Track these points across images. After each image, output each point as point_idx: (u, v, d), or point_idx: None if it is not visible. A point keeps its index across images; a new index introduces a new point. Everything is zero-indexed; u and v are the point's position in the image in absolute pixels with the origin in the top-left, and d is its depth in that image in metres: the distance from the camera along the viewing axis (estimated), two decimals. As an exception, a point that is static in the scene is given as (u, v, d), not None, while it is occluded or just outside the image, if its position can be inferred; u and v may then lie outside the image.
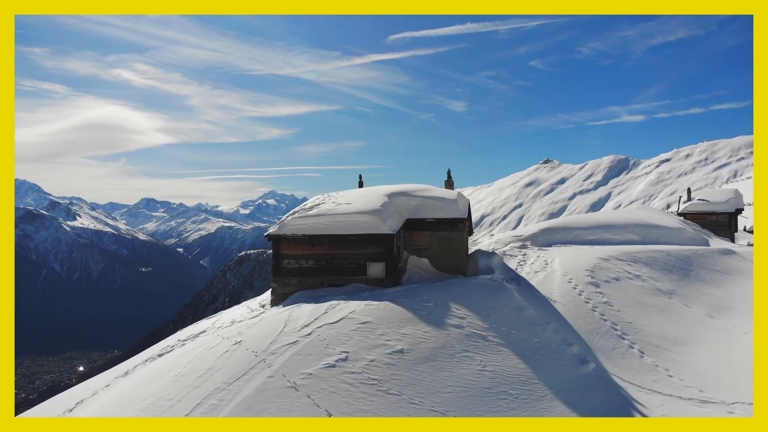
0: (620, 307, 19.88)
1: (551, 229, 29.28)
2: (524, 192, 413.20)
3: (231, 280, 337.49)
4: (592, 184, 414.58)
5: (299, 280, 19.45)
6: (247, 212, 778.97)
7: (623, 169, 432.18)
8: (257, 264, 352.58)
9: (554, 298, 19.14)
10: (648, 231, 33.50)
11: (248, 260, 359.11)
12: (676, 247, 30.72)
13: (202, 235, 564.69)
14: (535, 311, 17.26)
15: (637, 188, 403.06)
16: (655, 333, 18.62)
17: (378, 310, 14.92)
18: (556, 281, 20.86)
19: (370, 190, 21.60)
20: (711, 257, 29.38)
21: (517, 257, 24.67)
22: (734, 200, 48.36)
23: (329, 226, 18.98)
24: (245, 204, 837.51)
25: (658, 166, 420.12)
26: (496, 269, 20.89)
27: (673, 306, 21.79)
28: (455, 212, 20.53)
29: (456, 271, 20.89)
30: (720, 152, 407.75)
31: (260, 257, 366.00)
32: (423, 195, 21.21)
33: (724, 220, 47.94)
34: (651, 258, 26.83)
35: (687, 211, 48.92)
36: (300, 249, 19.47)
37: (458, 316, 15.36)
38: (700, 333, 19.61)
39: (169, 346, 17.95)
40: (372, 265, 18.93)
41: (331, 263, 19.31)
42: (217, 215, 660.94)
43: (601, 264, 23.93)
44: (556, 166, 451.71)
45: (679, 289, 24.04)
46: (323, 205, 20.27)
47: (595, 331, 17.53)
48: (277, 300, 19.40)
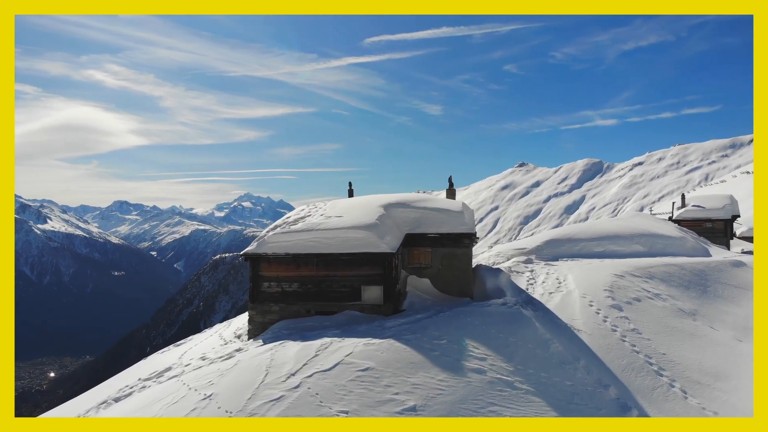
0: (649, 335, 17.52)
1: (556, 240, 26.88)
2: (500, 195, 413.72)
3: (206, 284, 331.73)
4: (566, 187, 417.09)
5: (282, 306, 16.63)
6: (222, 215, 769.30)
7: (597, 172, 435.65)
8: (232, 268, 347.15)
9: (578, 326, 16.67)
10: (653, 241, 31.37)
11: (223, 264, 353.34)
12: (687, 259, 28.58)
13: (176, 238, 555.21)
14: (561, 345, 14.73)
15: (610, 191, 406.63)
16: (691, 365, 16.31)
17: (381, 352, 12.21)
18: (575, 304, 18.42)
19: (363, 201, 18.86)
20: (724, 271, 27.30)
21: (525, 274, 22.20)
22: (730, 207, 46.70)
23: (317, 243, 16.20)
24: (220, 207, 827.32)
25: (631, 169, 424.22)
26: (507, 291, 18.33)
27: (699, 329, 19.56)
28: (461, 226, 17.90)
29: (461, 293, 18.27)
30: (692, 156, 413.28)
31: (235, 261, 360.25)
32: (424, 206, 18.54)
33: (720, 227, 46.23)
34: (666, 273, 24.62)
35: (682, 218, 47.11)
36: (283, 270, 16.66)
37: (478, 357, 12.72)
38: (736, 363, 17.38)
39: (128, 387, 15.02)
40: (368, 288, 16.20)
41: (320, 287, 16.53)
42: (191, 218, 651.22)
43: (618, 282, 21.61)
44: (531, 169, 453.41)
45: (700, 308, 21.87)
46: (310, 218, 17.47)
47: (629, 367, 15.11)
48: (256, 330, 16.56)
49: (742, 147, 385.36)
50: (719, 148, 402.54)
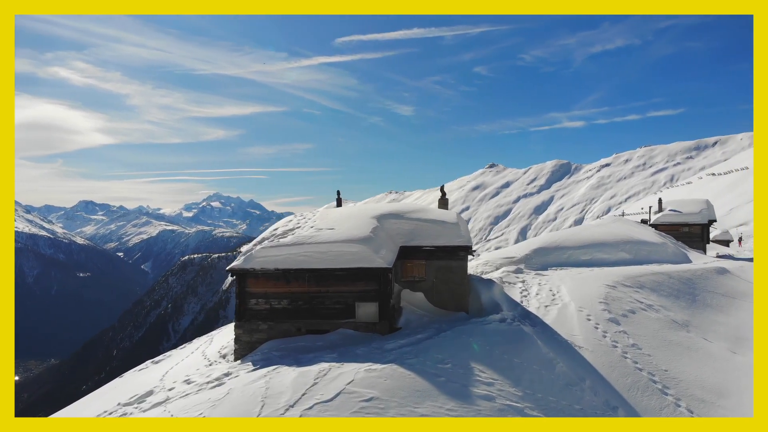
0: (649, 350, 17.10)
1: (543, 249, 26.45)
2: (471, 195, 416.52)
3: (174, 285, 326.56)
4: (535, 188, 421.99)
5: (270, 324, 15.73)
6: (191, 215, 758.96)
7: (565, 173, 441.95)
8: (201, 269, 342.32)
9: (578, 343, 16.14)
10: (638, 248, 31.24)
11: (192, 265, 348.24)
12: (673, 267, 28.47)
13: (143, 238, 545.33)
14: (565, 365, 14.16)
15: (578, 192, 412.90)
16: (693, 382, 15.94)
17: (384, 380, 11.43)
18: (573, 319, 17.92)
19: (355, 212, 18.03)
20: (710, 278, 27.24)
21: (517, 285, 21.66)
22: (706, 211, 47.08)
23: (309, 257, 15.34)
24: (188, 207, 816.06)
25: (598, 170, 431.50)
26: (503, 305, 17.75)
27: (695, 342, 19.27)
28: (458, 239, 17.21)
29: (457, 307, 17.59)
30: (657, 157, 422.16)
31: (204, 262, 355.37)
32: (418, 218, 17.80)
33: (696, 231, 46.56)
34: (655, 282, 24.37)
35: (659, 222, 47.35)
36: (271, 286, 15.76)
37: (485, 382, 12.04)
38: (736, 378, 17.08)
39: (107, 412, 13.95)
40: (362, 305, 15.41)
41: (311, 303, 15.67)
42: (159, 218, 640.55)
43: (612, 293, 21.23)
44: (501, 170, 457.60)
45: (692, 319, 21.63)
46: (299, 230, 16.58)
47: (634, 386, 14.64)
48: (243, 350, 15.64)
49: (707, 149, 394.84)
50: (684, 150, 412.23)
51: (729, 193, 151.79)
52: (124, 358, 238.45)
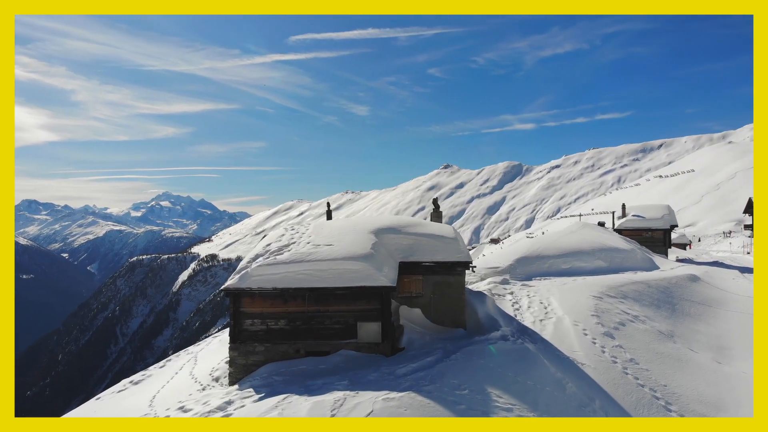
0: (645, 364, 17.17)
1: (526, 258, 26.48)
2: (426, 195, 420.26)
3: (122, 287, 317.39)
4: (488, 189, 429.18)
5: (267, 346, 15.00)
6: (139, 215, 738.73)
7: (517, 174, 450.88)
8: (150, 270, 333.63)
9: (581, 360, 16.04)
10: (612, 256, 31.69)
11: (141, 266, 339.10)
12: (648, 275, 28.99)
13: (89, 239, 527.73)
14: (574, 385, 13.98)
15: (529, 192, 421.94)
16: (691, 397, 16.06)
17: (404, 410, 10.93)
18: (570, 334, 17.85)
19: (349, 226, 17.43)
20: (685, 286, 27.83)
21: (507, 297, 21.54)
22: (668, 217, 48.34)
23: (308, 276, 14.68)
24: (137, 206, 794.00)
25: (549, 171, 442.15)
26: (499, 320, 17.50)
27: (683, 353, 19.49)
28: (457, 254, 16.85)
29: (454, 323, 17.24)
30: (605, 159, 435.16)
31: (153, 263, 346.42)
32: (416, 232, 17.35)
33: (659, 236, 47.76)
34: (636, 292, 24.70)
35: (623, 227, 48.35)
36: (268, 306, 15.04)
37: (504, 408, 11.68)
38: (730, 390, 17.30)
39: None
40: (364, 325, 14.85)
41: (310, 324, 15.02)
42: (106, 218, 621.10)
43: (600, 305, 21.33)
44: (455, 171, 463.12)
45: (675, 329, 21.95)
46: (295, 245, 15.89)
47: (639, 403, 14.62)
48: (239, 373, 14.86)
49: (652, 151, 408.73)
50: (631, 152, 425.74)
51: (675, 195, 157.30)
52: (69, 363, 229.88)
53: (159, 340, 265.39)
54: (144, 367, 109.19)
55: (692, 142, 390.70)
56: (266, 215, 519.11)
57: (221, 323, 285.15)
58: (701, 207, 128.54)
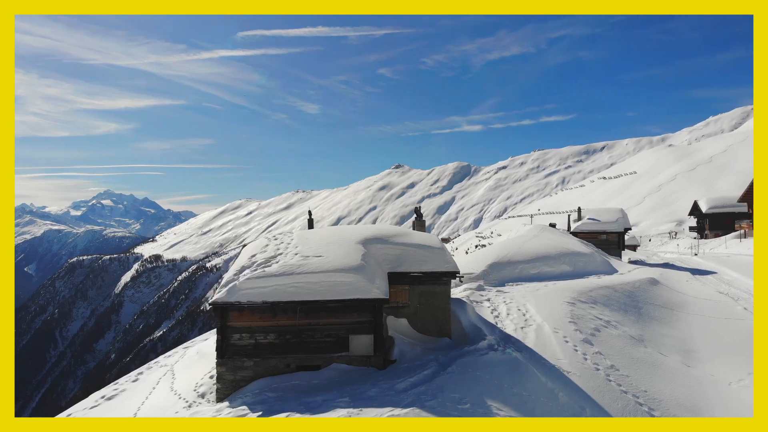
0: (624, 370, 17.62)
1: (498, 264, 26.85)
2: (378, 195, 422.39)
3: (61, 289, 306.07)
4: (438, 189, 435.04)
5: (256, 361, 14.63)
6: (79, 214, 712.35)
7: (466, 175, 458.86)
8: (91, 271, 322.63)
9: (565, 368, 16.32)
10: (575, 260, 32.46)
11: (81, 267, 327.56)
12: (611, 279, 29.83)
13: (26, 239, 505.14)
14: (565, 394, 14.22)
15: (478, 193, 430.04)
16: (670, 402, 16.54)
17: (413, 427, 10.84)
18: (552, 341, 18.15)
19: (336, 235, 17.20)
20: (647, 290, 28.73)
21: (484, 304, 21.75)
22: (622, 220, 49.90)
23: (300, 289, 14.39)
24: (77, 205, 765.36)
25: (496, 172, 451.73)
26: (483, 328, 17.65)
27: (655, 358, 20.11)
28: (445, 264, 16.87)
29: (440, 332, 17.27)
30: (550, 161, 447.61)
31: (95, 264, 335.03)
32: (403, 242, 17.27)
33: (614, 239, 49.25)
34: (604, 297, 25.37)
35: (579, 230, 49.60)
36: (257, 319, 14.67)
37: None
38: (703, 394, 17.91)
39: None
40: (356, 338, 14.68)
41: (300, 337, 14.73)
42: (44, 217, 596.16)
43: (574, 311, 21.80)
44: (406, 171, 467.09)
45: (644, 333, 22.62)
46: (283, 257, 15.56)
47: (625, 410, 14.98)
48: (227, 389, 14.44)
49: (595, 153, 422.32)
50: (575, 154, 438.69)
51: (619, 196, 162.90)
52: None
53: (101, 344, 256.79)
54: (86, 372, 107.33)
55: (633, 144, 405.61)
56: (213, 214, 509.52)
57: (166, 325, 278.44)
58: (643, 208, 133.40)
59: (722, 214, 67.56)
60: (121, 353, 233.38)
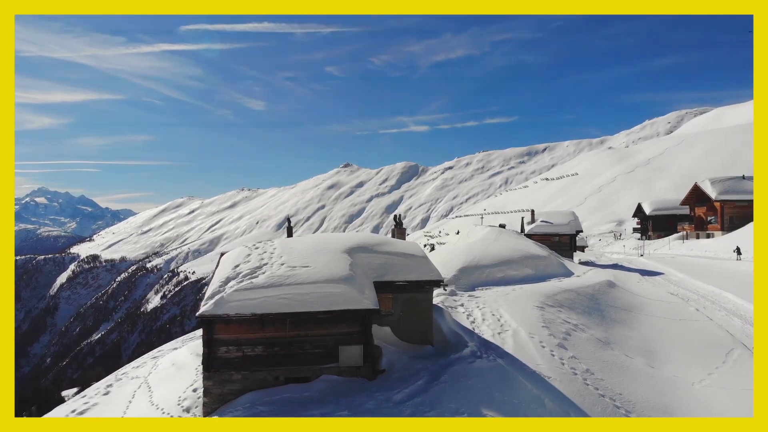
0: (599, 373, 18.20)
1: (466, 268, 27.29)
2: (326, 194, 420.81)
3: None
4: (387, 188, 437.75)
5: (244, 374, 14.36)
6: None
7: (413, 174, 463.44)
8: (25, 272, 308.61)
9: (546, 373, 16.73)
10: (536, 263, 33.27)
11: (14, 268, 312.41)
12: (571, 282, 30.69)
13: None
14: (550, 400, 14.60)
15: (425, 192, 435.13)
16: (643, 404, 17.15)
17: (418, 440, 10.92)
18: (529, 347, 18.56)
19: (320, 245, 17.04)
20: (607, 293, 29.73)
21: (459, 309, 22.05)
22: (574, 222, 51.47)
23: (290, 300, 14.21)
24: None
25: (443, 173, 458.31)
26: (463, 335, 17.91)
27: (622, 360, 20.83)
28: (429, 273, 17.01)
29: (423, 340, 17.41)
30: (494, 162, 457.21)
31: (28, 264, 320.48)
32: (387, 251, 17.30)
33: (566, 241, 50.74)
34: (569, 300, 26.11)
35: (533, 233, 50.87)
36: (244, 331, 14.41)
37: (505, 431, 11.97)
38: (670, 393, 18.66)
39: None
40: (345, 349, 14.62)
41: (289, 349, 14.56)
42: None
43: (545, 315, 22.37)
44: (355, 170, 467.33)
45: (609, 335, 23.40)
46: (269, 267, 15.32)
47: (604, 413, 15.51)
48: (214, 403, 14.13)
49: (537, 154, 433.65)
50: (517, 155, 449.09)
51: (561, 197, 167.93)
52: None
53: (35, 347, 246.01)
54: (20, 377, 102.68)
55: (573, 146, 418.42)
56: (153, 213, 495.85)
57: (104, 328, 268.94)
58: (585, 208, 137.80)
59: (665, 216, 70.72)
60: (57, 357, 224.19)
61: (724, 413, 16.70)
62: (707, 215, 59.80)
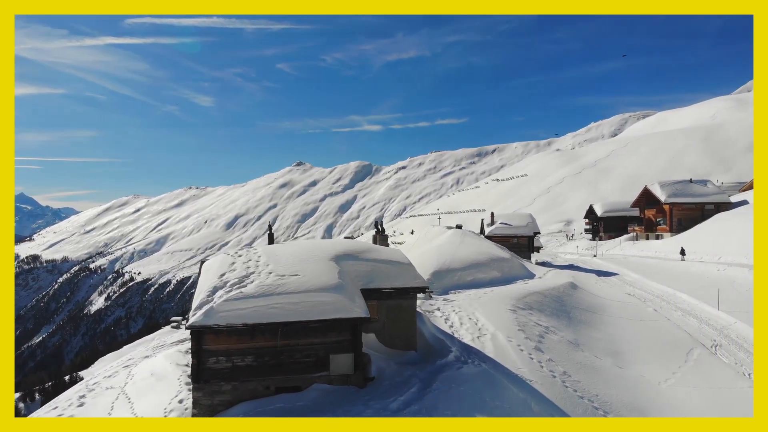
0: (575, 375, 18.79)
1: (439, 272, 27.68)
2: (278, 193, 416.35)
3: None
4: (340, 187, 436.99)
5: (234, 385, 14.18)
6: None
7: (367, 174, 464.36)
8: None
9: (527, 377, 17.18)
10: (502, 265, 33.96)
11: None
12: (536, 284, 31.49)
13: None
14: (535, 403, 15.00)
15: (378, 192, 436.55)
16: (618, 405, 17.79)
17: (422, 449, 11.07)
18: (509, 350, 19.01)
19: (307, 252, 16.94)
20: (571, 294, 30.63)
21: (436, 313, 22.34)
22: (532, 224, 52.67)
23: (280, 310, 14.11)
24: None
25: (396, 172, 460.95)
26: (446, 340, 18.18)
27: (592, 361, 21.52)
28: (414, 280, 17.17)
29: (407, 345, 17.57)
30: (446, 162, 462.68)
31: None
32: (373, 258, 17.35)
33: (524, 242, 51.89)
34: (537, 303, 26.79)
35: (493, 234, 51.80)
36: (234, 342, 14.23)
37: (501, 437, 12.25)
38: (641, 393, 19.36)
39: None
40: (336, 357, 14.62)
41: (279, 359, 14.46)
42: None
43: (519, 318, 22.92)
44: (308, 168, 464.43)
45: (578, 337, 24.13)
46: (257, 276, 15.15)
47: (585, 414, 16.05)
48: (203, 415, 13.88)
49: (487, 155, 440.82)
50: (468, 156, 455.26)
51: (511, 197, 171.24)
52: None
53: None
54: None
55: (522, 147, 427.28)
56: (97, 212, 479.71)
57: (46, 331, 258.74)
58: (534, 209, 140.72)
59: (616, 218, 73.26)
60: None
61: (694, 413, 17.51)
62: (656, 217, 62.30)
